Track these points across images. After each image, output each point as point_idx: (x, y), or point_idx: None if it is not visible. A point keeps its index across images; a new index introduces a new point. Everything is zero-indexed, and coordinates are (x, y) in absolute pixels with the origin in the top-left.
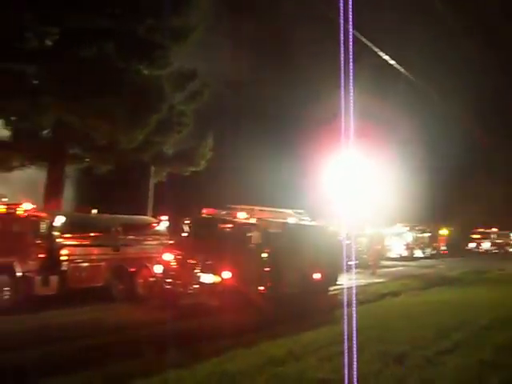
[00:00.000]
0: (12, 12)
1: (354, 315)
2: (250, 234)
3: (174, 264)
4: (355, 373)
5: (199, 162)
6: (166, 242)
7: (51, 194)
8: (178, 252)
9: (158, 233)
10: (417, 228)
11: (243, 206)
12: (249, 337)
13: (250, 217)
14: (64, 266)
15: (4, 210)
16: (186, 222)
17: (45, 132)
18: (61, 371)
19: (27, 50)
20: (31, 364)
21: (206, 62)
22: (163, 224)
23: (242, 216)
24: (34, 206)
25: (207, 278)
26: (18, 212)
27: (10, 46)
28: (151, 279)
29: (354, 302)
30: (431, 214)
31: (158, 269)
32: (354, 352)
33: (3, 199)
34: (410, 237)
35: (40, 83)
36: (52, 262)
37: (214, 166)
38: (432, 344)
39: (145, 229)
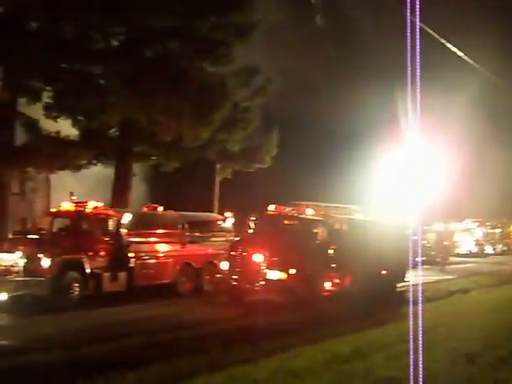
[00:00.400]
0: (80, 14)
1: (422, 312)
2: (315, 231)
3: (240, 260)
4: (423, 372)
5: (264, 158)
6: (231, 238)
7: (119, 192)
8: (244, 248)
9: (223, 229)
10: (487, 223)
11: (309, 203)
12: (314, 333)
13: (316, 213)
14: (132, 263)
15: (73, 209)
16: (251, 218)
17: (112, 130)
18: (129, 365)
19: (94, 51)
20: (102, 358)
21: (269, 58)
22: (229, 221)
23: (307, 212)
24: (103, 204)
25: (273, 275)
26: (86, 210)
27: (78, 47)
28: (217, 276)
29: (422, 298)
30: (503, 209)
31: (224, 265)
32: (423, 350)
33: (72, 197)
34: (479, 232)
35: (106, 83)
36: (120, 259)
37: (279, 163)
38: (505, 343)
39: (211, 225)
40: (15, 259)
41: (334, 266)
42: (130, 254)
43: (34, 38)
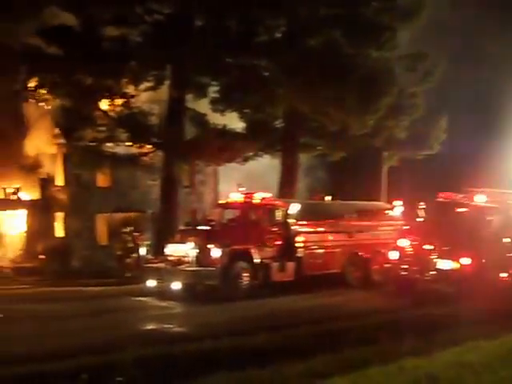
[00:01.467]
0: (243, 9)
1: None
2: (490, 218)
3: (409, 250)
4: None
5: (433, 144)
6: (400, 227)
7: (285, 182)
8: (414, 237)
9: (391, 218)
10: None
11: (482, 189)
12: (489, 327)
13: (490, 200)
14: (299, 253)
15: (241, 200)
16: (421, 206)
17: (277, 122)
18: (298, 354)
19: (258, 44)
20: (271, 346)
21: (435, 40)
22: (397, 209)
23: (481, 199)
24: (270, 195)
25: (445, 265)
26: (254, 201)
27: (242, 41)
28: (386, 265)
29: None
30: None
31: (393, 255)
32: None
33: (240, 189)
34: None
35: (271, 75)
36: (288, 249)
37: (448, 148)
38: None
39: (378, 215)
40: (187, 250)
41: (510, 255)
42: (298, 244)
43: (199, 35)
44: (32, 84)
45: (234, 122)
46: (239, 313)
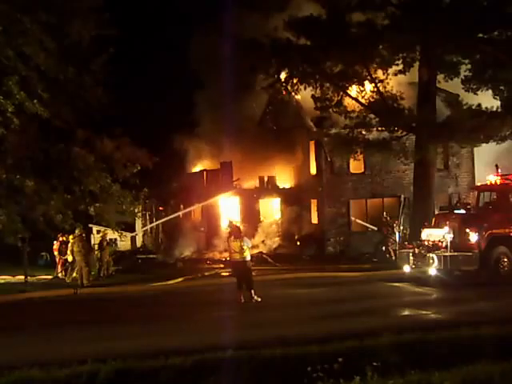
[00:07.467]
0: None
1: None
2: None
3: None
4: None
5: None
6: None
7: None
8: None
9: None
10: None
11: None
12: None
13: None
14: None
15: (499, 182)
16: None
17: None
18: None
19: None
20: None
21: None
22: None
23: None
24: None
25: None
26: None
27: (495, 14)
28: None
29: None
30: None
31: None
32: None
33: (498, 170)
34: None
35: None
36: None
37: None
38: None
39: None
40: (443, 235)
41: None
42: None
43: (448, 12)
44: (283, 76)
45: (488, 100)
46: (500, 299)
